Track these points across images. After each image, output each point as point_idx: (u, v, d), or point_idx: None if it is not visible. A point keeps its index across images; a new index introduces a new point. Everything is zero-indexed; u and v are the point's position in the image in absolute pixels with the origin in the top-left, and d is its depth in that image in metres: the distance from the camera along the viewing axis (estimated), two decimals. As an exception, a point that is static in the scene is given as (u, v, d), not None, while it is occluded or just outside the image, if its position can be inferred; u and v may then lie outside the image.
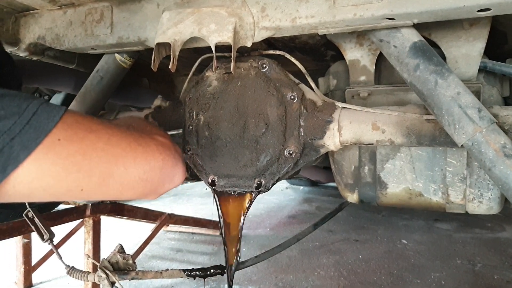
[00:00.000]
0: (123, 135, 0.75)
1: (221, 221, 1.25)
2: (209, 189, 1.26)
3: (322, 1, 0.94)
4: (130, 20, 1.17)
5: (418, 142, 1.03)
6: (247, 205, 1.23)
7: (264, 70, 1.17)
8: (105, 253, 1.66)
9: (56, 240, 1.54)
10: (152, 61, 1.06)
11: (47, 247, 2.18)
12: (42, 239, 1.46)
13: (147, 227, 3.17)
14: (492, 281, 2.65)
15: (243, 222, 1.24)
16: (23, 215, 1.46)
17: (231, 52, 1.01)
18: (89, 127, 0.69)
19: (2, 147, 0.57)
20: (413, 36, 0.95)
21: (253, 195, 1.21)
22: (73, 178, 0.65)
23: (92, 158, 0.67)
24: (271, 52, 1.20)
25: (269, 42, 1.31)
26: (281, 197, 5.23)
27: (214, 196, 1.25)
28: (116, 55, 1.35)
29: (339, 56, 1.33)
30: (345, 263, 2.99)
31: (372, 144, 1.09)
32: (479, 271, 2.80)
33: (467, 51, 1.12)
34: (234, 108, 1.18)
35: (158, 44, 1.06)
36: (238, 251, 1.27)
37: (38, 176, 0.61)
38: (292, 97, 1.13)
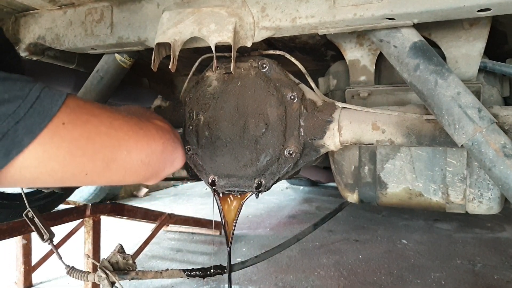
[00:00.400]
0: (125, 119, 0.75)
1: (223, 219, 1.25)
2: (209, 189, 1.26)
3: (322, 1, 0.94)
4: (130, 20, 1.17)
5: (418, 142, 1.03)
6: (244, 202, 1.24)
7: (264, 70, 1.17)
8: (105, 253, 1.66)
9: (56, 240, 1.54)
10: (152, 61, 1.06)
11: (47, 247, 2.18)
12: (42, 239, 1.46)
13: (147, 227, 3.17)
14: (492, 281, 2.65)
15: (237, 218, 1.26)
16: (23, 215, 1.46)
17: (231, 52, 1.01)
18: (91, 111, 0.69)
19: (6, 131, 0.57)
20: (413, 36, 0.95)
21: (249, 194, 1.22)
22: (77, 162, 0.66)
23: (96, 141, 0.68)
24: (271, 52, 1.20)
25: (269, 42, 1.31)
26: (281, 197, 5.23)
27: (214, 195, 1.25)
28: (116, 55, 1.35)
29: (339, 56, 1.33)
30: (345, 263, 2.99)
31: (372, 144, 1.09)
32: (479, 271, 2.80)
33: (467, 51, 1.12)
34: (234, 108, 1.18)
35: (158, 44, 1.06)
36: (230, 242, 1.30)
37: (43, 160, 0.62)
38: (292, 97, 1.13)
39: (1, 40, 0.98)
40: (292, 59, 1.15)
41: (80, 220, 2.58)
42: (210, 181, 1.22)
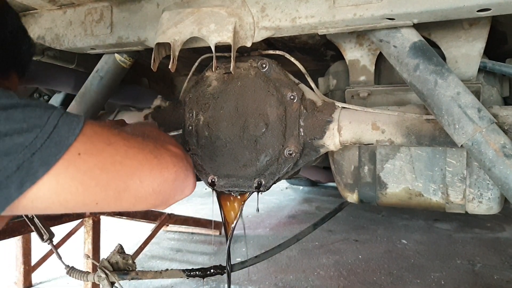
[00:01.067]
0: (140, 146, 0.74)
1: (223, 219, 1.26)
2: (209, 189, 1.26)
3: (322, 1, 0.94)
4: (130, 20, 1.17)
5: (418, 142, 1.03)
6: (244, 202, 1.24)
7: (264, 70, 1.17)
8: (105, 253, 1.66)
9: (56, 240, 1.54)
10: (152, 61, 1.06)
11: (47, 247, 2.18)
12: (42, 239, 1.46)
13: (147, 227, 3.17)
14: (492, 281, 2.65)
15: (238, 218, 1.26)
16: (23, 215, 1.46)
17: (231, 52, 1.01)
18: (108, 138, 0.68)
19: (22, 162, 0.57)
20: (413, 36, 0.95)
21: (249, 194, 1.22)
22: (90, 193, 0.65)
23: (110, 171, 0.67)
24: (271, 52, 1.20)
25: (269, 42, 1.31)
26: (281, 197, 5.23)
27: (214, 195, 1.26)
28: (116, 55, 1.35)
29: (339, 56, 1.33)
30: (345, 263, 2.99)
31: (372, 144, 1.09)
32: (479, 271, 2.80)
33: (467, 51, 1.12)
34: (234, 108, 1.18)
35: (158, 44, 1.06)
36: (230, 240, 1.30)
37: (57, 191, 0.61)
38: (292, 97, 1.13)
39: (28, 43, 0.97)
40: (292, 59, 1.15)
41: (80, 220, 2.58)
42: (210, 181, 1.22)
